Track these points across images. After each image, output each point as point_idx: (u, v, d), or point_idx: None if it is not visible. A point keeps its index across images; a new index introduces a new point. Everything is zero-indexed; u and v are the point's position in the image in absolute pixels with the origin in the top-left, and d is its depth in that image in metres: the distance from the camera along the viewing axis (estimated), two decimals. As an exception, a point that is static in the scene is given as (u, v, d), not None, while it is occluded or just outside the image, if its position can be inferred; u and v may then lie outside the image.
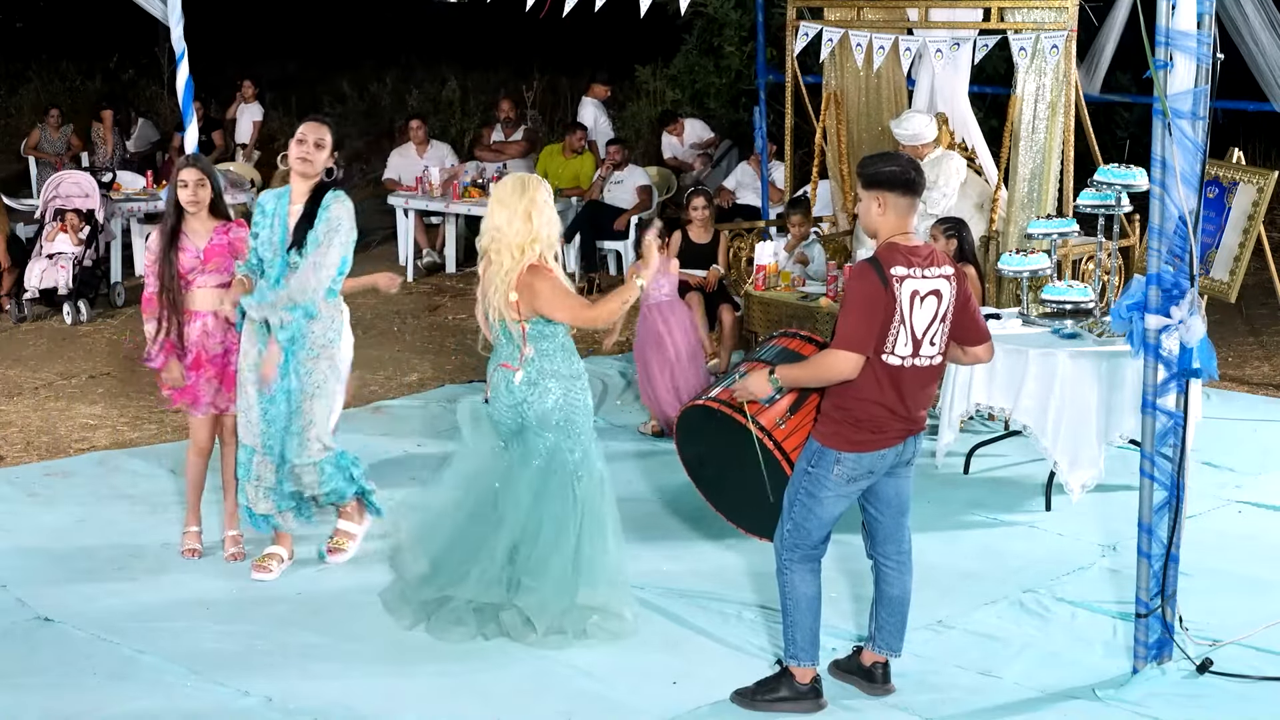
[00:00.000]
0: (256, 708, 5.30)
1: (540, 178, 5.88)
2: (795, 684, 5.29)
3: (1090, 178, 8.06)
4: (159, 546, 6.85)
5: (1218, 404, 9.03)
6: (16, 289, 11.67)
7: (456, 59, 21.88)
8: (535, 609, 5.73)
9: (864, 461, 5.13)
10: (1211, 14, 5.19)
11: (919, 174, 5.15)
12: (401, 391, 9.56)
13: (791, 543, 5.25)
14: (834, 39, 9.75)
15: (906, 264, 5.03)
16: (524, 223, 5.65)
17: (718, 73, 17.12)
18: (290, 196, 6.29)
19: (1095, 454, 7.23)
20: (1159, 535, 5.44)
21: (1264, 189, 9.33)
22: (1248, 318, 11.50)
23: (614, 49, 17.73)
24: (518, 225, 5.65)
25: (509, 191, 5.72)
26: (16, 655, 5.71)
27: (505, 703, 5.35)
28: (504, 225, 5.66)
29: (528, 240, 5.65)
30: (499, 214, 5.69)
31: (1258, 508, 7.43)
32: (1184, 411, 5.42)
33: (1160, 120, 5.21)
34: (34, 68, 22.37)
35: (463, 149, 16.02)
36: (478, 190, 13.14)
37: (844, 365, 5.02)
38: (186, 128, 8.58)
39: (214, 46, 17.41)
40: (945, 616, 6.06)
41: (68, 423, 8.93)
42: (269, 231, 6.28)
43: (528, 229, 5.65)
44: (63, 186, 12.07)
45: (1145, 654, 5.51)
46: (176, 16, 8.23)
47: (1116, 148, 10.96)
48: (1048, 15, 8.86)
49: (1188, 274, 5.30)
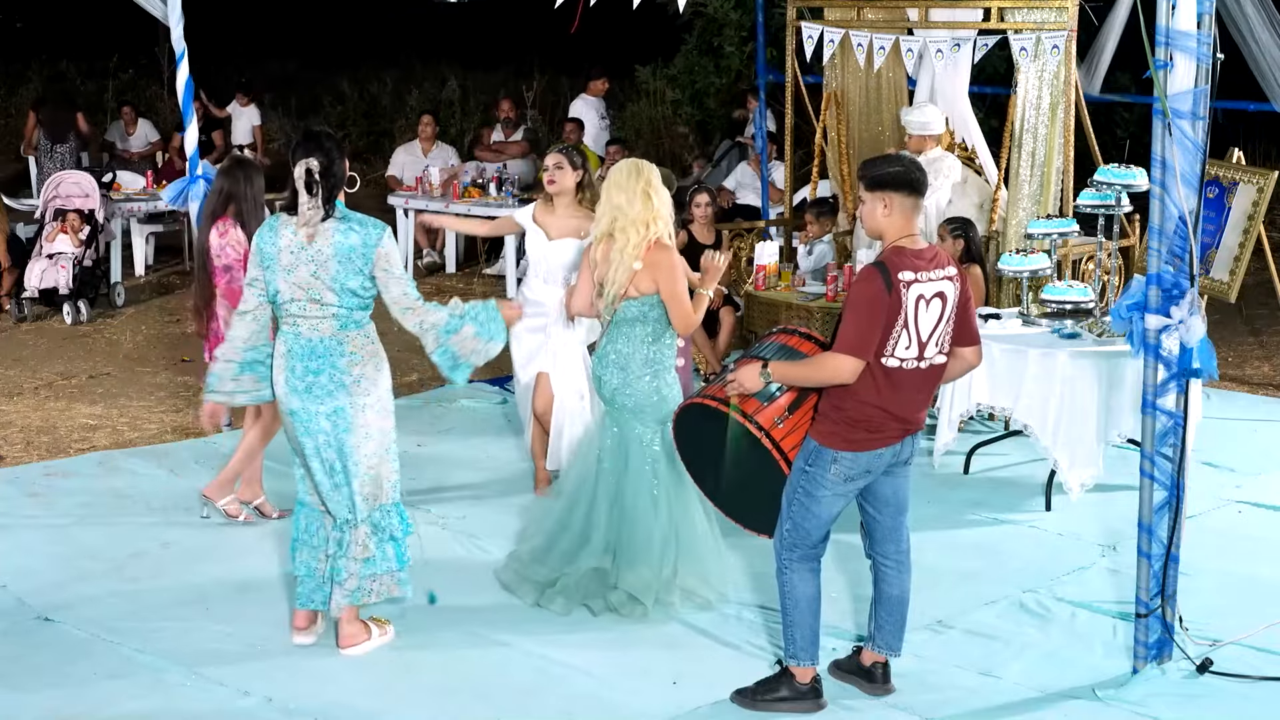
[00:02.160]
0: (256, 708, 5.30)
1: (650, 163, 6.17)
2: (795, 684, 5.30)
3: (1090, 178, 8.07)
4: (159, 546, 6.85)
5: (1218, 404, 9.03)
6: (16, 289, 11.67)
7: (456, 59, 21.89)
8: (640, 587, 6.00)
9: (861, 460, 5.13)
10: (1211, 14, 5.19)
11: (922, 174, 5.16)
12: (401, 392, 9.56)
13: (791, 542, 5.25)
14: (835, 40, 9.76)
15: (914, 269, 5.03)
16: (644, 202, 5.97)
17: (718, 73, 17.13)
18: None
19: (1095, 454, 7.23)
20: (1159, 535, 5.44)
21: (1264, 189, 9.33)
22: (1248, 318, 11.50)
23: (614, 49, 17.73)
24: (638, 205, 5.96)
25: (625, 175, 6.01)
26: (16, 655, 5.71)
27: (505, 703, 5.35)
28: (624, 205, 5.98)
29: (651, 217, 5.97)
30: (618, 195, 5.99)
31: (1258, 508, 7.43)
32: (1184, 411, 5.42)
33: (1160, 120, 5.21)
34: (34, 68, 22.38)
35: (463, 149, 16.03)
36: (478, 190, 13.14)
37: (844, 369, 5.02)
38: (186, 128, 8.59)
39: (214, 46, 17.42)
40: (945, 616, 6.06)
41: (68, 423, 8.93)
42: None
43: (648, 207, 5.97)
44: (63, 186, 12.07)
45: (1145, 654, 5.51)
46: (176, 16, 8.24)
47: (1116, 148, 10.95)
48: (1048, 15, 8.86)
49: (1188, 274, 5.30)
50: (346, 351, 5.57)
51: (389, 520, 5.71)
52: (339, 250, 5.49)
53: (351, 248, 5.49)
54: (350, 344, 5.58)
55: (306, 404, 5.57)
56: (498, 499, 7.53)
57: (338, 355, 5.56)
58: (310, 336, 5.56)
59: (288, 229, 5.55)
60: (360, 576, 5.65)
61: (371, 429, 5.61)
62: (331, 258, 5.49)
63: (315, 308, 5.54)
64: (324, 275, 5.50)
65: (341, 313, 5.55)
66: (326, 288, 5.51)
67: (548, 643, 5.81)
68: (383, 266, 5.52)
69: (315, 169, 5.47)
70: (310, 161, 5.48)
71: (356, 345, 5.59)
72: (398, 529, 5.73)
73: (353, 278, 5.51)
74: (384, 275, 5.53)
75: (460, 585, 6.39)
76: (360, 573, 5.65)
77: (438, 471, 7.97)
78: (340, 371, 5.55)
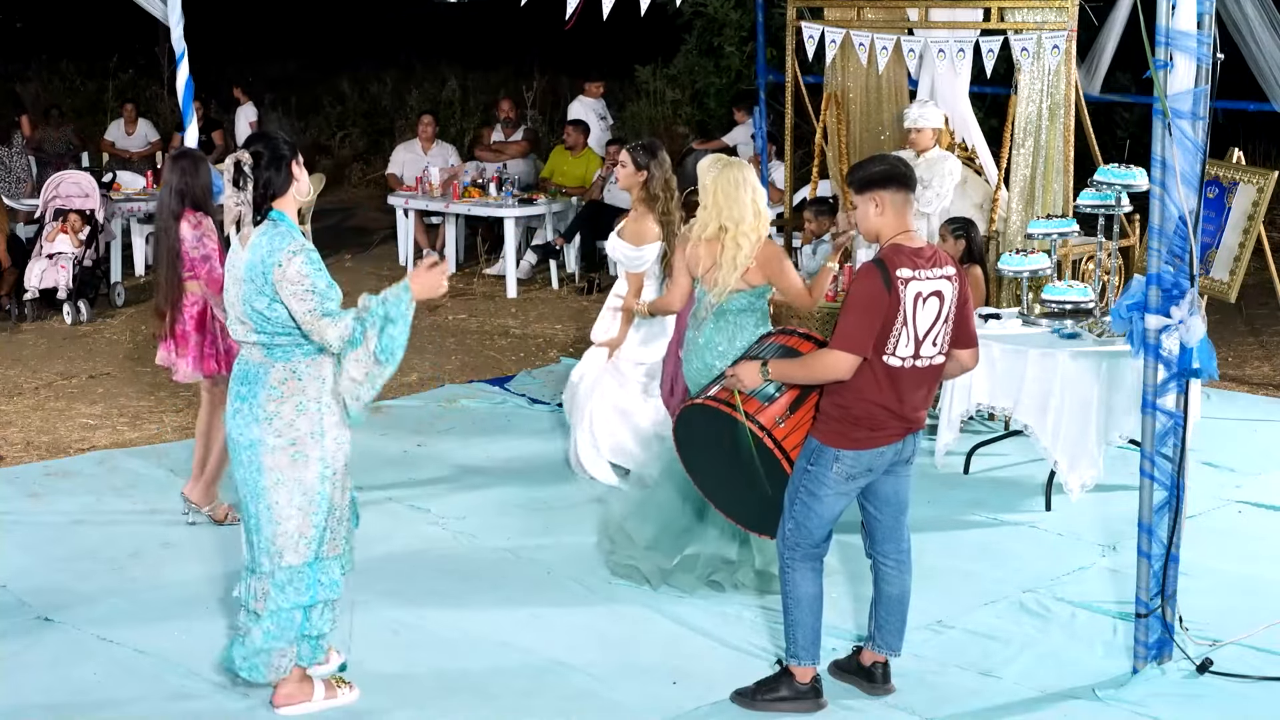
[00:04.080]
0: (256, 708, 5.30)
1: (745, 161, 6.38)
2: (795, 684, 5.30)
3: (1090, 178, 8.07)
4: (159, 546, 6.85)
5: (1218, 404, 9.03)
6: (16, 289, 11.68)
7: (456, 59, 21.88)
8: (769, 563, 6.14)
9: (863, 459, 5.13)
10: (1211, 14, 5.18)
11: (909, 168, 5.20)
12: (401, 391, 9.56)
13: (793, 541, 5.25)
14: (836, 40, 9.76)
15: (912, 266, 5.03)
16: (754, 213, 6.19)
17: (718, 73, 17.12)
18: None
19: (1095, 454, 7.23)
20: (1159, 535, 5.44)
21: (1264, 189, 9.34)
22: (1248, 318, 11.50)
23: (614, 49, 17.73)
24: (750, 217, 6.17)
25: (734, 186, 6.17)
26: (17, 655, 5.71)
27: (505, 703, 5.35)
28: (737, 217, 6.16)
29: (762, 226, 6.23)
30: (729, 207, 6.15)
31: (1258, 508, 7.43)
32: (1184, 411, 5.42)
33: (1160, 120, 5.21)
34: (34, 68, 22.38)
35: (463, 149, 16.03)
36: (478, 190, 13.14)
37: (840, 365, 5.03)
38: (186, 128, 8.58)
39: (214, 46, 17.41)
40: (945, 616, 6.06)
41: (68, 423, 8.93)
42: None
43: (759, 218, 6.21)
44: (63, 186, 12.07)
45: (1145, 654, 5.51)
46: (176, 16, 8.23)
47: (1116, 148, 10.94)
48: (1048, 15, 8.86)
49: (1188, 274, 5.30)
50: (267, 384, 5.02)
51: (296, 582, 5.11)
52: (249, 264, 4.95)
53: (251, 264, 4.95)
54: (272, 377, 5.02)
55: (233, 428, 5.11)
56: (498, 499, 7.54)
57: (258, 384, 5.03)
58: (246, 358, 5.10)
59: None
60: (258, 644, 5.15)
61: (284, 475, 5.04)
62: (243, 271, 4.97)
63: (240, 329, 5.06)
64: (236, 290, 5.02)
65: (262, 339, 5.01)
66: (240, 305, 5.01)
67: (548, 643, 5.81)
68: (286, 290, 4.88)
69: (245, 162, 4.95)
70: (241, 154, 4.97)
71: (277, 379, 5.02)
72: (304, 595, 5.11)
73: (257, 298, 4.94)
74: (289, 298, 4.89)
75: (460, 585, 6.39)
76: (259, 641, 5.14)
77: (438, 471, 7.97)
78: (258, 405, 5.02)
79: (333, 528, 5.16)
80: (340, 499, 5.17)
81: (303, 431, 5.01)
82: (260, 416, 5.01)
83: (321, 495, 5.07)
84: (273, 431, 5.00)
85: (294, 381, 5.01)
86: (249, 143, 5.10)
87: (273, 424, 5.00)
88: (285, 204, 5.06)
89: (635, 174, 7.36)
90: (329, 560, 5.16)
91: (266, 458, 5.02)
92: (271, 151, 5.02)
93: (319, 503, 5.07)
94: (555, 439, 8.48)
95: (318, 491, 5.06)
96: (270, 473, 5.03)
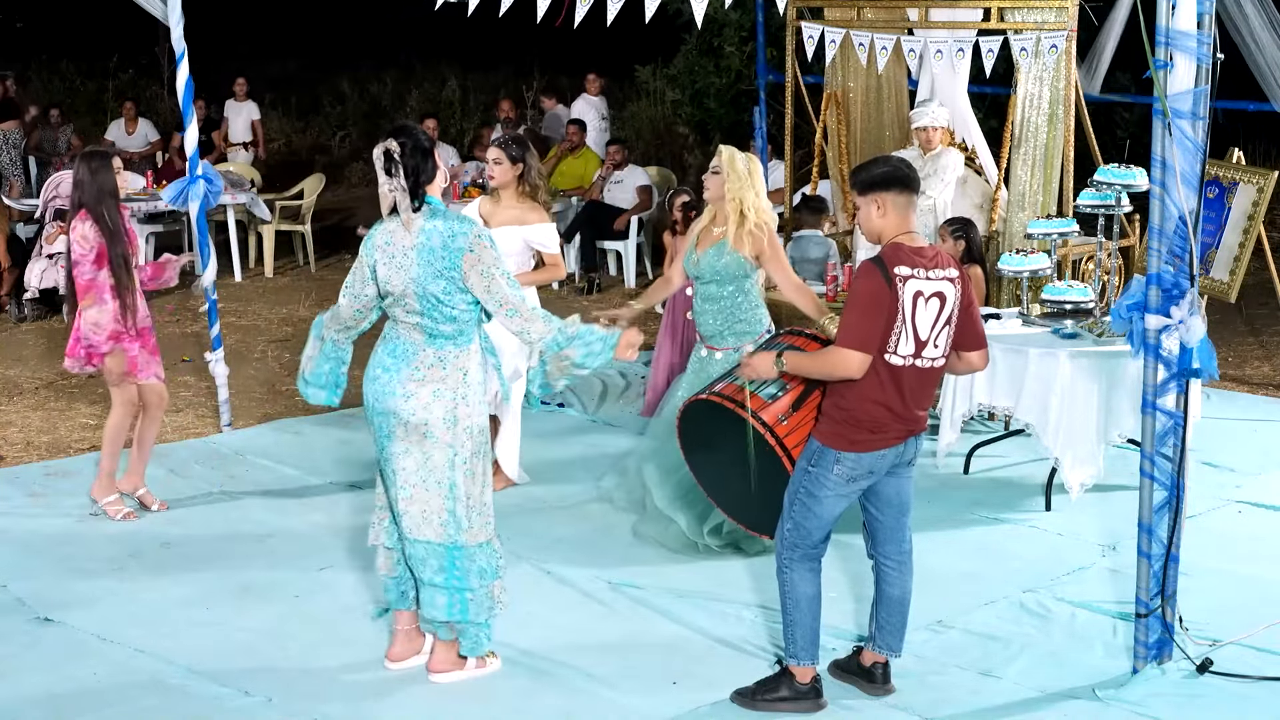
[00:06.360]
0: (256, 708, 5.30)
1: (754, 155, 6.78)
2: (795, 684, 5.30)
3: (1090, 178, 8.07)
4: (159, 546, 6.86)
5: (1218, 404, 9.03)
6: (16, 289, 11.67)
7: (456, 59, 21.90)
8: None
9: (864, 461, 5.13)
10: (1211, 14, 5.18)
11: (911, 170, 5.18)
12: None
13: (792, 542, 5.25)
14: (836, 40, 9.76)
15: (911, 264, 5.03)
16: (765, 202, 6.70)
17: (718, 73, 17.13)
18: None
19: (1095, 453, 7.23)
20: (1159, 535, 5.44)
21: (1264, 189, 9.34)
22: (1248, 318, 11.51)
23: (614, 49, 17.73)
24: (764, 202, 6.67)
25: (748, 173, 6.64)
26: (16, 655, 5.71)
27: (505, 703, 5.35)
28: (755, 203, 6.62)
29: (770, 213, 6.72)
30: (751, 196, 6.63)
31: (1258, 508, 7.43)
32: (1184, 411, 5.42)
33: (1160, 120, 5.21)
34: (34, 68, 22.39)
35: (463, 149, 16.03)
36: (477, 190, 13.12)
37: (851, 363, 5.02)
38: (186, 128, 8.58)
39: (214, 46, 17.41)
40: (945, 616, 6.06)
41: (68, 423, 8.93)
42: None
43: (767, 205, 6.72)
44: (63, 186, 12.00)
45: (1145, 654, 5.51)
46: (176, 16, 8.22)
47: (1116, 148, 10.94)
48: (1048, 15, 8.86)
49: (1188, 274, 5.30)
50: (413, 364, 5.20)
51: (445, 558, 5.40)
52: (426, 249, 5.11)
53: (430, 249, 5.12)
54: (420, 359, 5.20)
55: (369, 393, 5.32)
56: (497, 499, 7.50)
57: (405, 362, 5.22)
58: (404, 336, 5.24)
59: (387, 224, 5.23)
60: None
61: (414, 450, 5.28)
62: (416, 255, 5.13)
63: (403, 313, 5.21)
64: (402, 276, 5.15)
65: (425, 323, 5.17)
66: (410, 288, 5.15)
67: (548, 643, 5.81)
68: (481, 274, 5.09)
69: (394, 150, 5.13)
70: (389, 142, 5.14)
71: (424, 363, 5.20)
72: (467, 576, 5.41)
73: (434, 281, 5.11)
74: (487, 280, 5.10)
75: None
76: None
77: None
78: (398, 381, 5.22)
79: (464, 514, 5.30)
80: (471, 487, 5.29)
81: (436, 416, 5.19)
82: (399, 393, 5.19)
83: (451, 480, 5.25)
84: (409, 410, 5.18)
85: (438, 369, 5.19)
86: (393, 134, 5.24)
87: (409, 402, 5.17)
88: (434, 190, 5.28)
89: (512, 168, 7.39)
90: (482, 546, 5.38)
91: (399, 430, 5.20)
92: (414, 141, 5.21)
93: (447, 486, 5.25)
94: (555, 439, 8.48)
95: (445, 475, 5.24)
96: (400, 444, 5.23)
